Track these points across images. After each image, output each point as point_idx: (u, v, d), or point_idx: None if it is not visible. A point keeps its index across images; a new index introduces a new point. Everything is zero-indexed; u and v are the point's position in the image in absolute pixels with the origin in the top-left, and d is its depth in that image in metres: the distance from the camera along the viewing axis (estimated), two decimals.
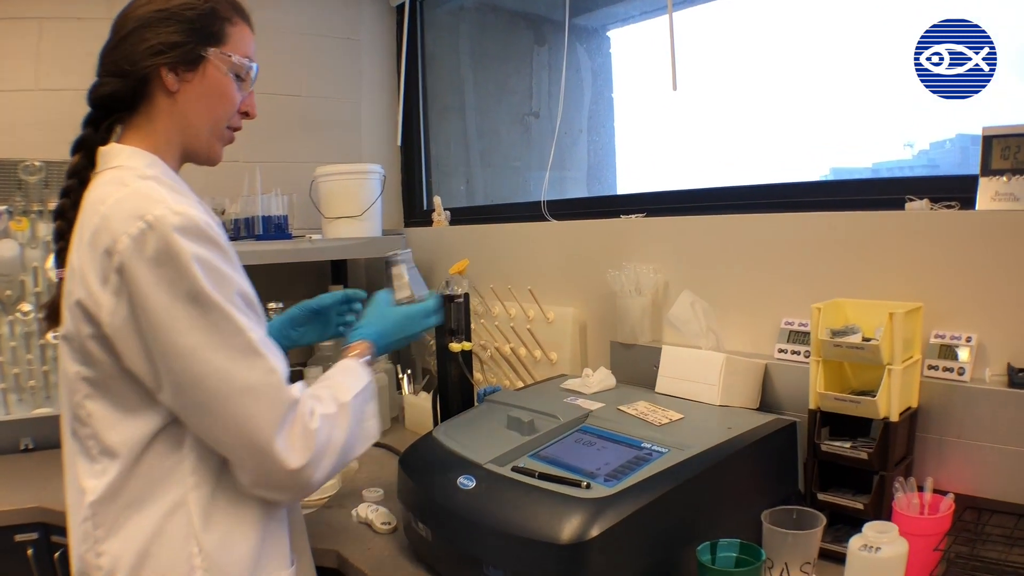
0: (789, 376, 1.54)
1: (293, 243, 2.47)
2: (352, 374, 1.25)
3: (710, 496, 1.28)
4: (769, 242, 1.65)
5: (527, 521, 1.19)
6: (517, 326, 2.14)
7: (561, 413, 1.50)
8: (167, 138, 1.18)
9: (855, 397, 1.33)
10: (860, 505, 1.33)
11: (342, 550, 1.58)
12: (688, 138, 2.30)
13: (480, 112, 3.23)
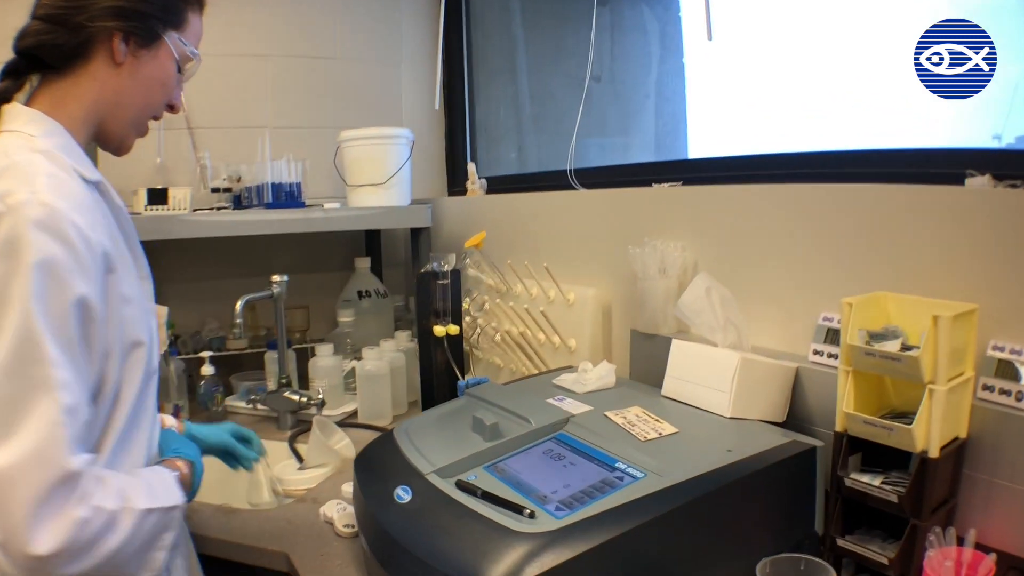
0: (825, 385, 1.25)
1: (304, 212, 2.28)
2: (162, 486, 1.07)
3: (689, 538, 1.02)
4: (811, 217, 1.35)
5: (449, 552, 0.97)
6: (534, 308, 1.89)
7: (537, 416, 1.25)
8: (87, 111, 1.07)
9: (887, 423, 1.04)
10: (885, 559, 1.04)
11: (292, 553, 1.40)
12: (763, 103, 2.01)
13: (533, 75, 3.00)
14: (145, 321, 1.09)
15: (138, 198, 2.24)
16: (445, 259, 1.60)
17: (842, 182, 1.32)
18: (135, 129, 1.14)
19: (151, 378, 1.12)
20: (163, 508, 1.02)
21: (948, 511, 1.07)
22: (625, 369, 1.75)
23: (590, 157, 2.62)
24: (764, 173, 1.56)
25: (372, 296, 2.57)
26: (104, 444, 1.02)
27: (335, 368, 2.22)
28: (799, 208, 1.38)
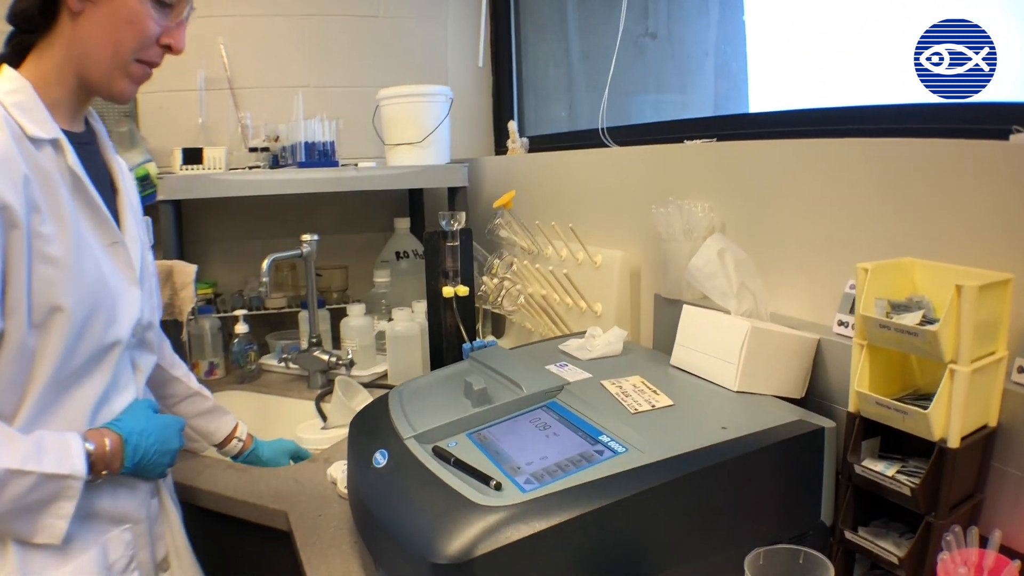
0: (848, 359, 1.13)
1: (337, 171, 2.25)
2: (55, 452, 1.01)
3: (668, 522, 0.94)
4: (843, 176, 1.23)
5: (408, 522, 0.92)
6: (559, 270, 1.82)
7: (530, 383, 1.19)
8: (61, 64, 1.07)
9: (901, 405, 0.94)
10: (895, 558, 0.94)
11: (291, 512, 1.38)
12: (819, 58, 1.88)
13: (584, 32, 2.89)
14: (80, 287, 1.03)
15: (174, 158, 2.25)
16: (454, 218, 1.54)
17: (879, 137, 1.20)
18: (120, 73, 1.09)
19: (109, 350, 1.10)
20: (42, 474, 0.97)
21: (971, 508, 0.95)
22: (650, 336, 1.67)
23: (645, 114, 2.52)
24: (799, 129, 1.44)
25: (410, 257, 2.54)
26: (19, 406, 1.01)
27: (366, 328, 2.20)
28: (831, 165, 1.26)
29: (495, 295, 1.87)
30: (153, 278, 1.27)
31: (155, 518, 1.25)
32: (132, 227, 1.19)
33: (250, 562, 1.53)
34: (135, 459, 1.11)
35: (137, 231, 1.21)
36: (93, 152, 1.19)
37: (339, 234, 2.64)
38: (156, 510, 1.25)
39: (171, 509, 1.31)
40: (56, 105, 1.07)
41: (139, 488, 1.19)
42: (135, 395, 1.19)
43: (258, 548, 1.47)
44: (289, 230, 2.13)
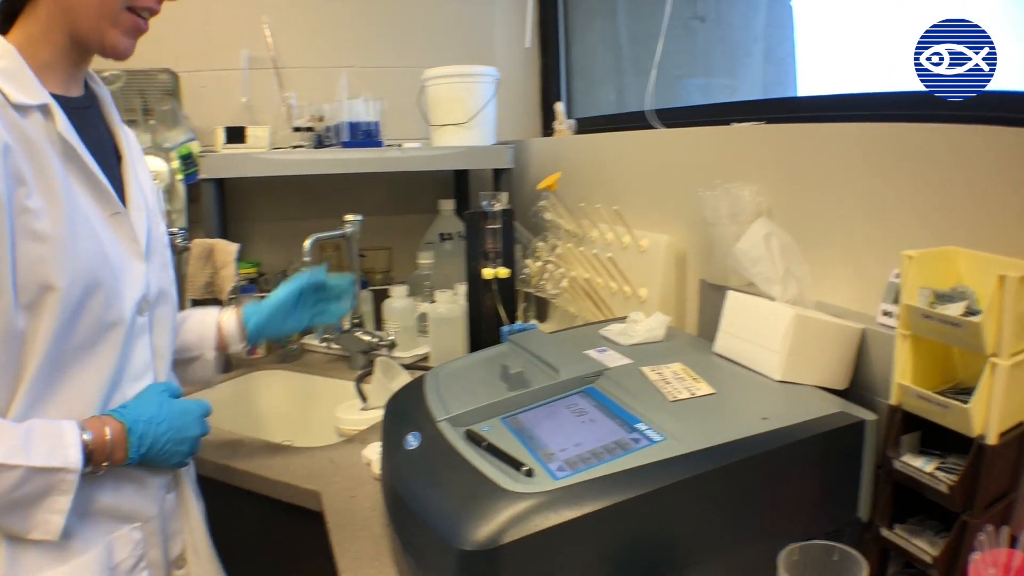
0: (892, 351, 1.07)
1: (380, 152, 2.23)
2: (46, 444, 0.93)
3: (702, 514, 0.90)
4: (894, 162, 1.17)
5: (436, 505, 0.90)
6: (603, 254, 1.78)
7: (568, 368, 1.16)
8: (48, 23, 1.00)
9: (942, 399, 0.89)
10: (929, 557, 0.90)
11: (323, 493, 1.37)
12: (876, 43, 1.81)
13: (634, 15, 2.83)
14: (75, 264, 0.96)
15: (216, 137, 2.25)
16: (496, 198, 1.51)
17: (928, 123, 1.14)
18: (109, 23, 1.01)
19: (111, 329, 1.02)
20: (31, 467, 0.90)
21: (1005, 508, 0.90)
22: (695, 322, 1.62)
23: (693, 98, 2.48)
24: (848, 113, 1.38)
25: (454, 239, 2.51)
26: (14, 393, 0.95)
27: (408, 310, 2.19)
28: (879, 151, 1.20)
29: (538, 278, 1.83)
30: (166, 251, 1.20)
31: (170, 514, 1.16)
32: (138, 196, 1.11)
33: (281, 542, 1.53)
34: (142, 449, 1.02)
35: (143, 200, 1.13)
36: (92, 117, 1.10)
37: (383, 215, 2.63)
38: (172, 505, 1.17)
39: (191, 502, 1.22)
40: (47, 68, 1.00)
41: (149, 483, 1.10)
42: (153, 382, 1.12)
43: (289, 528, 1.47)
44: (333, 211, 2.12)
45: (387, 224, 2.64)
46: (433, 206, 2.58)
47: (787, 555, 0.85)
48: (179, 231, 2.09)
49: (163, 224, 1.22)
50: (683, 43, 2.71)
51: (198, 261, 2.02)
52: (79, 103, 1.07)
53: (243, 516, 1.45)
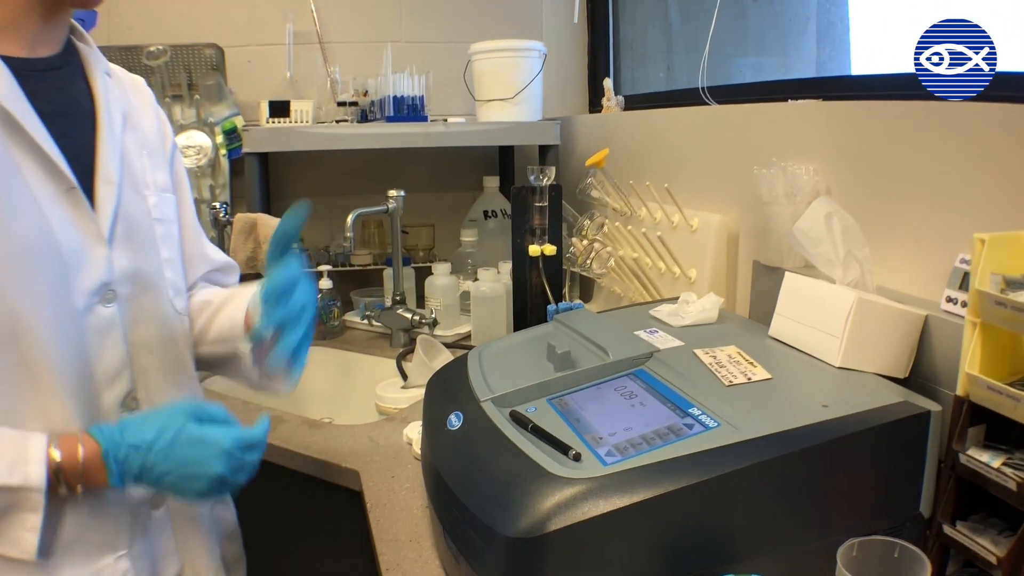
0: (955, 339, 1.00)
1: (425, 126, 2.19)
2: (5, 455, 0.82)
3: (758, 506, 0.85)
4: (962, 141, 1.10)
5: (481, 489, 0.87)
6: (652, 233, 1.73)
7: (618, 349, 1.12)
8: None
9: (1015, 391, 0.82)
10: (993, 558, 0.84)
11: (363, 472, 1.35)
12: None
13: None
14: (7, 251, 0.84)
15: (260, 111, 2.23)
16: (543, 173, 1.46)
17: (997, 102, 1.07)
18: None
19: (63, 322, 0.89)
20: None
21: None
22: (747, 305, 1.57)
23: (745, 77, 2.41)
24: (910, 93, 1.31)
25: (499, 217, 2.47)
26: None
27: (451, 288, 2.16)
28: (944, 130, 1.13)
29: (584, 257, 1.79)
30: (163, 228, 1.05)
31: (158, 533, 1.02)
32: (110, 167, 0.96)
33: (319, 521, 1.52)
34: (127, 478, 0.87)
35: (118, 172, 0.96)
36: (62, 79, 0.96)
37: (427, 192, 2.60)
38: (163, 523, 1.03)
39: (186, 519, 1.07)
40: (6, 28, 0.88)
41: (125, 508, 0.96)
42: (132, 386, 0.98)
43: (328, 507, 1.46)
44: (377, 187, 2.09)
45: (431, 201, 2.61)
46: (477, 183, 2.55)
47: (846, 550, 0.81)
48: (221, 205, 2.08)
49: (168, 198, 1.08)
50: (735, 21, 2.63)
51: (240, 236, 2.01)
52: (47, 64, 0.93)
53: (281, 494, 1.43)
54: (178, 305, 1.07)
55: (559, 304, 1.34)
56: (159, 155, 1.09)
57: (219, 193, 2.31)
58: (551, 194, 1.46)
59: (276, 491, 1.42)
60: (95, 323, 0.92)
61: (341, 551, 1.49)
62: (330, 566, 1.55)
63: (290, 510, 1.47)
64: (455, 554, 0.92)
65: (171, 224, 1.07)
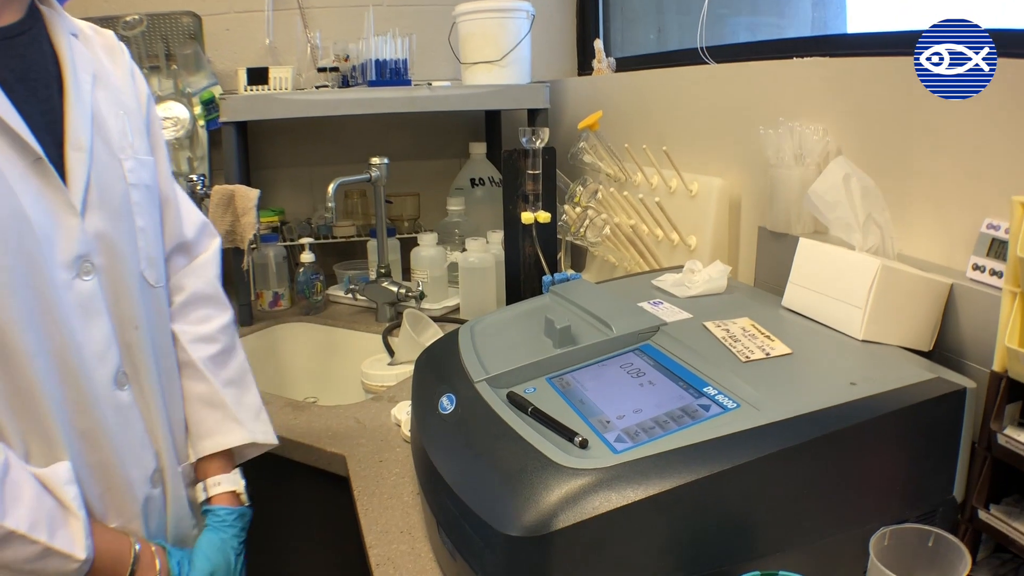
0: (984, 310, 0.94)
1: (408, 91, 2.09)
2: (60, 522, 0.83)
3: (786, 495, 0.77)
4: (980, 98, 1.02)
5: (479, 481, 0.79)
6: (650, 199, 1.64)
7: (621, 322, 1.03)
8: None
9: None
10: None
11: (350, 457, 1.27)
12: None
13: None
14: None
15: (238, 78, 2.12)
16: (536, 134, 1.37)
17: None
18: None
19: (38, 299, 0.84)
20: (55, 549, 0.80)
21: None
22: (751, 274, 1.49)
23: (740, 37, 2.33)
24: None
25: (486, 184, 2.38)
26: None
27: (438, 259, 2.07)
28: None
29: (577, 225, 1.70)
30: (138, 195, 0.99)
31: (154, 512, 0.99)
32: (80, 134, 0.91)
33: (308, 509, 1.44)
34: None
35: (87, 138, 0.92)
36: (24, 45, 0.90)
37: (411, 160, 2.50)
38: (159, 503, 1.00)
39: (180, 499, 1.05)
40: None
41: (130, 486, 0.95)
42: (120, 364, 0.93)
43: (316, 493, 1.38)
44: (360, 156, 1.99)
45: (415, 169, 2.52)
46: (463, 150, 2.45)
47: (877, 540, 0.74)
48: (198, 178, 1.98)
49: (144, 167, 1.01)
50: None
51: (218, 208, 1.91)
52: (5, 32, 0.89)
53: (267, 480, 1.34)
54: (149, 276, 1.00)
55: (555, 275, 1.25)
56: (136, 114, 1.03)
57: (197, 166, 2.21)
58: (545, 157, 1.37)
59: (262, 477, 1.34)
60: (76, 298, 0.87)
61: (332, 537, 1.41)
62: (321, 553, 1.48)
63: (276, 496, 1.38)
64: (451, 550, 0.84)
65: (148, 190, 1.01)
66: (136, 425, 0.95)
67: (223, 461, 1.10)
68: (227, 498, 1.08)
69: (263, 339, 2.03)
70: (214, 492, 1.07)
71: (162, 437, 1.00)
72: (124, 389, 0.93)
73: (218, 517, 1.05)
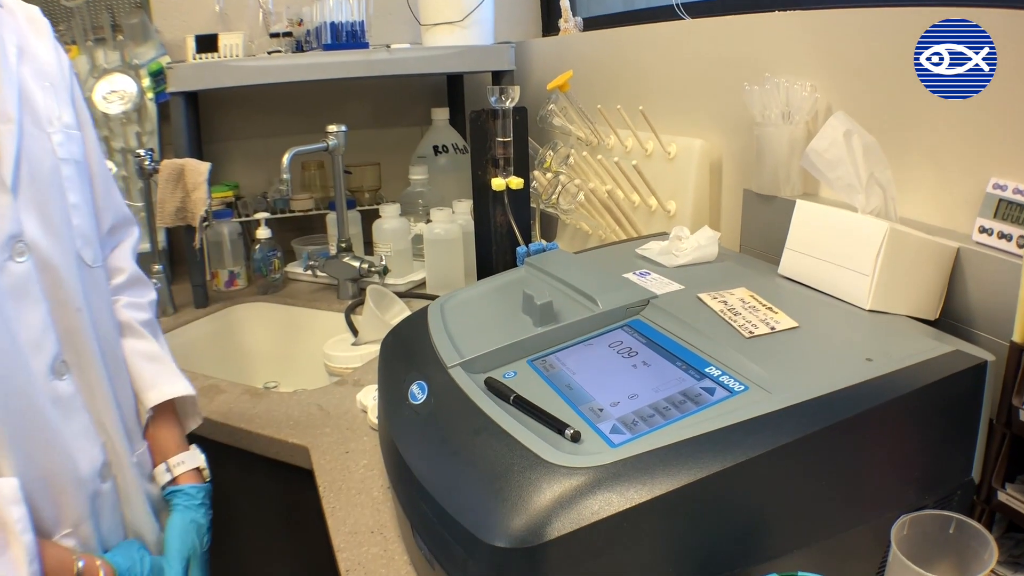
0: (993, 274, 0.87)
1: (366, 54, 1.96)
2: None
3: (805, 488, 0.69)
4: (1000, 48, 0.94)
5: (456, 483, 0.69)
6: (626, 162, 1.55)
7: (607, 296, 0.94)
8: None
9: None
10: None
11: (313, 449, 1.17)
12: None
13: None
14: None
15: (186, 47, 1.99)
16: (505, 93, 1.27)
17: None
18: None
19: None
20: None
21: None
22: (735, 240, 1.41)
23: None
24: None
25: (450, 152, 2.27)
26: None
27: (401, 231, 1.97)
28: None
29: (549, 192, 1.60)
30: (75, 167, 0.94)
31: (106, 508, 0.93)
32: (10, 103, 0.86)
33: (274, 504, 1.34)
34: None
35: (16, 110, 0.87)
36: None
37: (371, 128, 2.39)
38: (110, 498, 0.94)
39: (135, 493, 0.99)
40: None
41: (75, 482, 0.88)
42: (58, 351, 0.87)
43: (283, 488, 1.28)
44: (317, 126, 1.87)
45: (375, 138, 2.40)
46: (425, 116, 2.33)
47: (898, 530, 0.68)
48: (146, 152, 1.85)
49: (70, 135, 0.95)
50: None
51: (168, 184, 1.78)
52: None
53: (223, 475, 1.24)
54: (86, 256, 0.94)
55: (530, 245, 1.15)
56: (62, 89, 0.97)
57: (146, 140, 2.08)
58: (516, 118, 1.26)
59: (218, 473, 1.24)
60: (8, 282, 0.81)
61: (299, 536, 1.33)
62: (287, 553, 1.39)
63: (235, 493, 1.28)
64: (428, 557, 0.75)
65: (78, 165, 0.95)
66: (79, 416, 0.88)
67: (180, 440, 1.07)
68: (192, 476, 1.05)
69: (219, 321, 1.92)
70: (179, 471, 1.04)
71: (111, 426, 0.94)
72: (63, 379, 0.86)
73: (187, 495, 1.03)
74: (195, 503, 1.03)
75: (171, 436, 1.07)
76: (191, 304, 1.89)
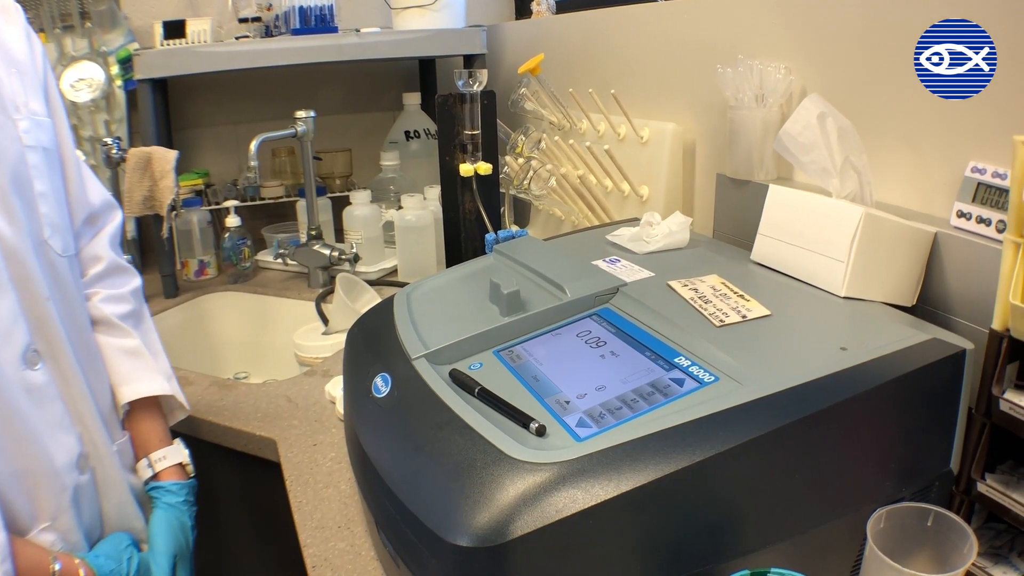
0: (971, 261, 0.86)
1: (335, 38, 1.92)
2: None
3: (777, 482, 0.67)
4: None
5: (419, 480, 0.67)
6: (598, 147, 1.53)
7: (576, 284, 0.92)
8: None
9: None
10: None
11: (280, 441, 1.14)
12: None
13: None
14: None
15: (154, 33, 1.94)
16: (473, 76, 1.24)
17: None
18: None
19: None
20: None
21: None
22: (708, 225, 1.39)
23: None
24: None
25: (422, 137, 2.24)
26: None
27: (372, 218, 1.94)
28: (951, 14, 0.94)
29: (520, 177, 1.58)
30: (43, 154, 0.92)
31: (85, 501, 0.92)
32: None
33: (246, 498, 1.32)
34: None
35: None
36: None
37: (341, 114, 2.35)
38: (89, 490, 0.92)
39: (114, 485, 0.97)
40: None
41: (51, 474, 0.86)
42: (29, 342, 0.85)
43: (253, 481, 1.26)
44: (287, 112, 1.83)
45: (346, 123, 2.37)
46: (397, 101, 2.30)
47: (874, 523, 0.67)
48: (113, 141, 1.80)
49: (38, 122, 0.93)
50: None
51: (135, 173, 1.74)
52: None
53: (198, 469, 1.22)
54: (55, 245, 0.92)
55: (499, 232, 1.13)
56: (31, 75, 0.95)
57: (115, 129, 2.03)
58: (484, 102, 1.24)
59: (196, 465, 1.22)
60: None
61: (267, 530, 1.31)
62: (255, 548, 1.37)
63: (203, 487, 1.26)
64: (392, 555, 0.73)
65: (46, 153, 0.94)
66: (54, 406, 0.87)
67: (162, 434, 1.06)
68: (175, 472, 1.04)
69: (189, 311, 1.88)
70: (161, 467, 1.03)
71: (88, 416, 0.92)
72: (36, 368, 0.85)
73: (170, 493, 1.01)
74: (178, 500, 1.01)
75: (153, 430, 1.05)
76: (160, 294, 1.85)
